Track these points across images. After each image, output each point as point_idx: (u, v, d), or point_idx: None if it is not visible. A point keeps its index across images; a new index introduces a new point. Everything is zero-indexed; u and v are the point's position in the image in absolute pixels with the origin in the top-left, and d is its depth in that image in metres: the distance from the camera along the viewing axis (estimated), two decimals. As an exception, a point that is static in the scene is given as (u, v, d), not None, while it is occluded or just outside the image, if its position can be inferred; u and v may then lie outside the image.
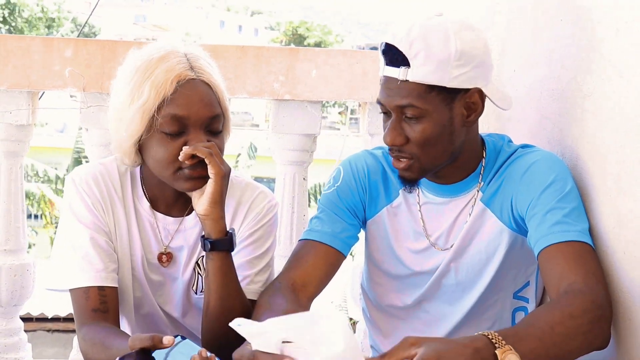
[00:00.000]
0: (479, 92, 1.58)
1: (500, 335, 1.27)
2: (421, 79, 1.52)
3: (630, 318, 1.45)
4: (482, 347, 1.25)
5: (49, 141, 19.64)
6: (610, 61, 1.52)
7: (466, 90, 1.56)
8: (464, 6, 2.38)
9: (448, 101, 1.55)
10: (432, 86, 1.53)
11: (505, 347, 1.25)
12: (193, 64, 1.57)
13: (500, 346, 1.25)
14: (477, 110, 1.59)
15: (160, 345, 1.29)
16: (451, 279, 1.70)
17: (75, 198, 1.64)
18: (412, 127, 1.56)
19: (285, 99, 2.42)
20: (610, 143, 1.51)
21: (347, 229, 1.71)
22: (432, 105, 1.54)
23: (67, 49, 2.32)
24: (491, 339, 1.26)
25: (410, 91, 1.53)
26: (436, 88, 1.53)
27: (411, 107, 1.54)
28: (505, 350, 1.25)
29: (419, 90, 1.53)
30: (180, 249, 1.70)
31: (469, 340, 1.26)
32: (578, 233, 1.49)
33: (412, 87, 1.53)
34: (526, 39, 1.95)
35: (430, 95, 1.53)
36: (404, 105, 1.55)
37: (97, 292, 1.60)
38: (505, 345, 1.26)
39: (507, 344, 1.26)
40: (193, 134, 1.54)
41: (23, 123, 2.31)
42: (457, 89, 1.55)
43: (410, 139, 1.57)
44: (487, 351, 1.24)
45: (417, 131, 1.56)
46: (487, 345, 1.25)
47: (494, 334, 1.27)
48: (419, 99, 1.53)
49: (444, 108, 1.55)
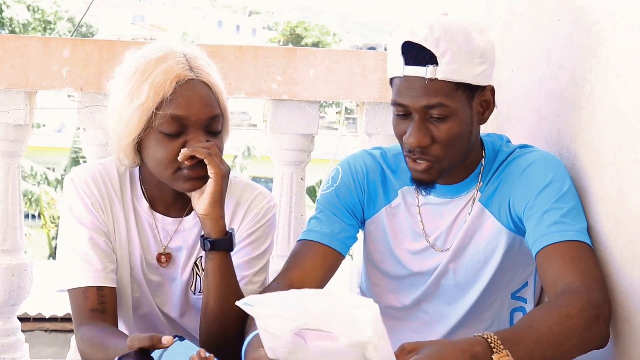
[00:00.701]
0: (491, 89, 1.59)
1: (498, 337, 1.27)
2: (450, 76, 1.50)
3: (628, 317, 1.45)
4: (480, 352, 1.24)
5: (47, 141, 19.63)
6: (608, 61, 1.52)
7: (482, 88, 1.56)
8: (463, 6, 2.38)
9: (470, 99, 1.55)
10: (458, 84, 1.52)
11: (502, 353, 1.25)
12: (192, 64, 1.56)
13: (497, 351, 1.25)
14: (490, 108, 1.60)
15: (159, 345, 1.29)
16: (450, 279, 1.70)
17: (75, 198, 1.64)
18: (438, 127, 1.54)
19: (283, 99, 2.42)
20: (609, 143, 1.51)
21: (345, 229, 1.71)
22: (459, 104, 1.53)
23: (64, 49, 2.31)
24: (490, 342, 1.26)
25: (438, 90, 1.51)
26: (462, 86, 1.52)
27: (440, 107, 1.52)
28: (502, 356, 1.25)
29: (447, 89, 1.51)
30: (179, 249, 1.70)
31: (467, 344, 1.25)
32: (576, 233, 1.49)
33: (440, 85, 1.51)
34: (524, 39, 1.95)
35: (457, 92, 1.52)
36: (433, 105, 1.52)
37: (95, 292, 1.60)
38: (502, 350, 1.25)
39: (505, 349, 1.25)
40: (192, 134, 1.54)
41: (20, 123, 2.31)
42: (477, 87, 1.55)
43: (436, 139, 1.54)
44: (484, 356, 1.24)
45: (444, 131, 1.53)
46: (485, 350, 1.25)
47: (492, 337, 1.26)
48: (448, 97, 1.51)
49: (467, 106, 1.55)
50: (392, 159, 1.74)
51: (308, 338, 1.13)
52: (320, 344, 1.12)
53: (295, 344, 1.14)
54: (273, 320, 1.13)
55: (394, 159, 1.74)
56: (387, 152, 1.76)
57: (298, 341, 1.13)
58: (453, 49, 1.49)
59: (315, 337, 1.12)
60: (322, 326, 1.11)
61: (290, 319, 1.12)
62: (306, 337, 1.13)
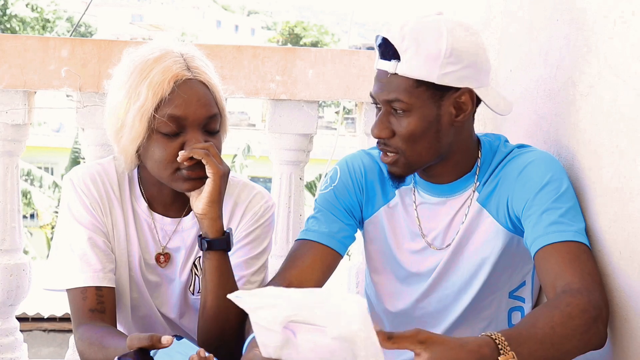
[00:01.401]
0: (469, 92, 1.58)
1: (505, 337, 1.26)
2: (409, 73, 1.53)
3: (626, 318, 1.45)
4: (488, 353, 1.23)
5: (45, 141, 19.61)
6: (606, 61, 1.52)
7: (457, 89, 1.56)
8: (461, 7, 2.38)
9: (436, 98, 1.56)
10: (420, 81, 1.54)
11: (508, 354, 1.24)
12: (190, 63, 1.56)
13: (504, 352, 1.25)
14: (466, 111, 1.59)
15: (159, 345, 1.29)
16: (448, 279, 1.70)
17: (74, 198, 1.64)
18: (399, 121, 1.57)
19: (282, 99, 2.42)
20: (606, 143, 1.51)
21: (344, 229, 1.71)
22: (420, 101, 1.55)
23: (63, 49, 2.31)
24: (497, 343, 1.25)
25: (398, 85, 1.55)
26: (424, 84, 1.54)
27: (398, 101, 1.55)
28: (508, 357, 1.24)
29: (406, 85, 1.54)
30: (178, 249, 1.70)
31: (476, 345, 1.23)
32: (574, 233, 1.49)
33: (400, 81, 1.55)
34: (522, 40, 1.95)
35: (418, 90, 1.54)
36: (392, 99, 1.56)
37: (94, 292, 1.60)
38: (509, 351, 1.25)
39: (511, 350, 1.25)
40: (191, 134, 1.54)
41: (19, 123, 2.31)
42: (447, 87, 1.55)
43: (396, 132, 1.58)
44: (492, 358, 1.23)
45: (403, 125, 1.57)
46: (492, 351, 1.24)
47: (500, 337, 1.25)
48: (406, 93, 1.55)
49: (432, 105, 1.56)
50: (390, 158, 1.75)
51: (297, 332, 1.13)
52: (309, 338, 1.12)
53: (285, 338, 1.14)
54: (264, 312, 1.14)
55: (392, 159, 1.74)
56: (385, 152, 1.76)
57: (288, 335, 1.14)
58: (416, 46, 1.52)
59: (304, 331, 1.13)
60: (310, 319, 1.11)
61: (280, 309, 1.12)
62: (295, 330, 1.13)
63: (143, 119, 1.53)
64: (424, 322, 1.74)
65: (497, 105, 1.61)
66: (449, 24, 1.54)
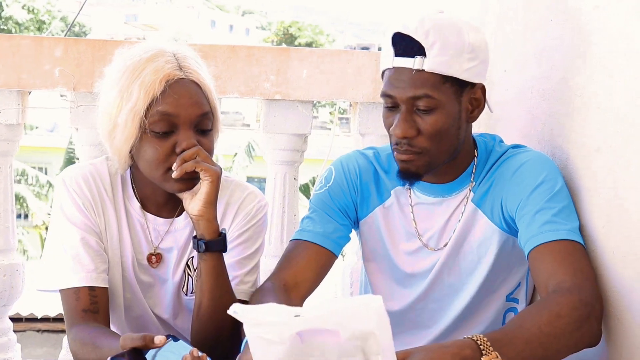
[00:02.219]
0: (482, 88, 1.59)
1: (488, 339, 1.27)
2: (437, 68, 1.51)
3: (619, 317, 1.45)
4: (470, 355, 1.24)
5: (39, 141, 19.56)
6: (600, 61, 1.52)
7: (472, 85, 1.57)
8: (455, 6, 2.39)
9: (458, 94, 1.55)
10: (446, 77, 1.52)
11: (491, 355, 1.25)
12: (181, 63, 1.56)
13: (486, 353, 1.25)
14: (479, 107, 1.60)
15: (152, 345, 1.29)
16: (443, 280, 1.70)
17: (66, 198, 1.64)
18: (424, 119, 1.55)
19: (276, 99, 2.42)
20: (600, 143, 1.51)
21: (338, 229, 1.71)
22: (446, 97, 1.54)
23: (57, 49, 2.31)
24: (479, 344, 1.26)
25: (425, 81, 1.52)
26: (450, 79, 1.53)
27: (426, 98, 1.53)
28: (491, 358, 1.25)
29: (434, 81, 1.52)
30: (170, 250, 1.70)
31: (457, 347, 1.25)
32: (567, 232, 1.49)
33: (427, 77, 1.52)
34: (516, 40, 1.95)
35: (445, 86, 1.53)
36: (419, 96, 1.53)
37: (87, 293, 1.59)
38: (492, 352, 1.25)
39: (494, 350, 1.26)
40: (182, 133, 1.54)
41: (13, 122, 2.30)
42: (466, 83, 1.55)
43: (422, 131, 1.55)
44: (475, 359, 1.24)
45: (429, 123, 1.54)
46: (474, 353, 1.25)
47: (482, 339, 1.27)
48: (434, 89, 1.52)
49: (455, 101, 1.55)
50: (385, 159, 1.75)
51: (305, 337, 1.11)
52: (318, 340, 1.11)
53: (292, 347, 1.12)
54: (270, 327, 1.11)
55: (387, 159, 1.74)
56: (380, 152, 1.76)
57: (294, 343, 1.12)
58: (442, 41, 1.50)
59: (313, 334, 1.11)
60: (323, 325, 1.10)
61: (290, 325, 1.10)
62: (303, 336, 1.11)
63: (135, 118, 1.53)
64: (420, 324, 1.74)
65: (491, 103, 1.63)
66: (462, 22, 1.55)
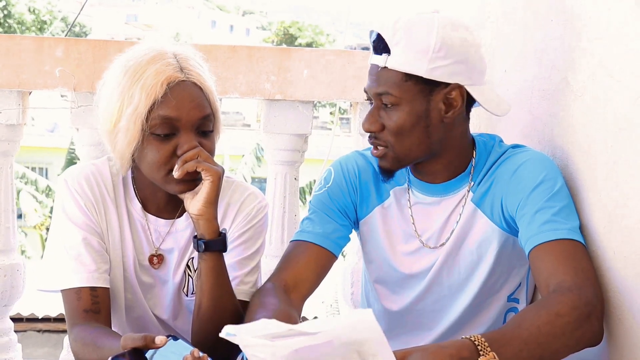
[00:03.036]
0: (459, 88, 1.57)
1: (487, 339, 1.27)
2: (398, 66, 1.55)
3: (620, 317, 1.45)
4: (468, 356, 1.25)
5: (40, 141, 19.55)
6: (600, 62, 1.52)
7: (447, 84, 1.56)
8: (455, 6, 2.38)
9: (426, 93, 1.56)
10: (409, 75, 1.55)
11: (489, 355, 1.25)
12: (183, 65, 1.56)
13: (484, 353, 1.25)
14: (456, 107, 1.59)
15: (153, 345, 1.29)
16: (442, 281, 1.70)
17: (68, 199, 1.64)
18: (388, 115, 1.59)
19: (277, 99, 2.42)
20: (601, 143, 1.51)
21: (338, 230, 1.71)
22: (408, 94, 1.56)
23: (57, 49, 2.31)
24: (477, 345, 1.26)
25: (387, 79, 1.57)
26: (413, 77, 1.55)
27: (387, 94, 1.57)
28: (488, 358, 1.25)
29: (395, 78, 1.56)
30: (171, 251, 1.70)
31: (455, 349, 1.25)
32: (568, 231, 1.49)
33: (390, 74, 1.56)
34: (517, 40, 1.95)
35: (407, 84, 1.55)
36: (381, 93, 1.58)
37: (89, 293, 1.59)
38: (489, 352, 1.26)
39: (492, 351, 1.26)
40: (184, 136, 1.54)
41: (13, 123, 2.30)
42: (436, 82, 1.55)
43: (386, 126, 1.59)
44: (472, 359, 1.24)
45: (392, 119, 1.58)
46: (472, 354, 1.25)
47: (480, 339, 1.27)
48: (395, 86, 1.56)
49: (421, 99, 1.57)
50: (384, 159, 1.75)
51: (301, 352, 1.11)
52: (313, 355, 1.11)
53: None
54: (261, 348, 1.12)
55: (386, 159, 1.74)
56: (380, 152, 1.76)
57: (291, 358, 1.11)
58: (407, 40, 1.54)
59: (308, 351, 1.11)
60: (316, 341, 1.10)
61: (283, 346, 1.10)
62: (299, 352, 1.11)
63: (137, 121, 1.53)
64: (421, 325, 1.74)
65: (492, 105, 1.61)
66: (442, 20, 1.55)
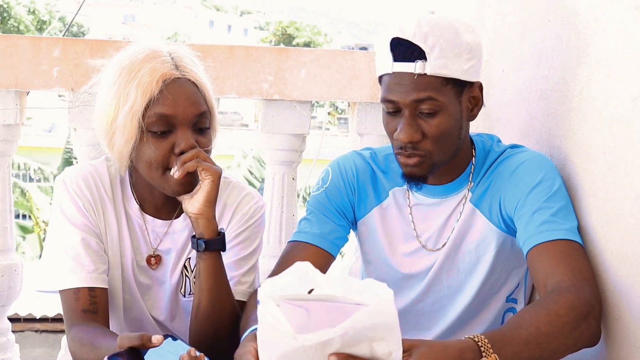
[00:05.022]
0: (479, 86, 1.60)
1: (488, 339, 1.27)
2: (439, 71, 1.52)
3: (618, 317, 1.45)
4: (471, 357, 1.24)
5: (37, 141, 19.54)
6: (598, 62, 1.52)
7: (471, 84, 1.57)
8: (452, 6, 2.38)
9: (458, 94, 1.56)
10: (447, 79, 1.53)
11: (491, 357, 1.25)
12: (178, 62, 1.56)
13: (486, 355, 1.25)
14: (478, 104, 1.61)
15: (149, 345, 1.29)
16: (442, 281, 1.70)
17: (66, 199, 1.64)
18: (428, 122, 1.55)
19: (275, 99, 2.42)
20: (598, 143, 1.52)
21: (336, 230, 1.71)
22: (448, 98, 1.54)
23: (55, 49, 2.31)
24: (480, 346, 1.26)
25: (428, 84, 1.52)
26: (451, 81, 1.53)
27: (429, 101, 1.53)
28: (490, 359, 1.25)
29: (436, 83, 1.52)
30: (169, 251, 1.70)
31: (458, 350, 1.25)
32: (566, 231, 1.49)
33: (429, 80, 1.52)
34: (515, 40, 1.95)
35: (446, 88, 1.54)
36: (422, 99, 1.53)
37: (87, 293, 1.59)
38: (492, 354, 1.26)
39: (494, 352, 1.26)
40: (180, 133, 1.54)
41: (11, 123, 2.30)
42: (465, 82, 1.56)
43: (427, 134, 1.55)
44: None
45: (434, 125, 1.55)
46: (475, 355, 1.25)
47: (483, 340, 1.27)
48: (437, 92, 1.53)
49: (456, 101, 1.56)
50: (383, 159, 1.75)
51: (313, 312, 1.11)
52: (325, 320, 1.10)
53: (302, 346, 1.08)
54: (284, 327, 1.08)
55: (384, 160, 1.74)
56: (378, 152, 1.76)
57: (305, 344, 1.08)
58: (441, 44, 1.51)
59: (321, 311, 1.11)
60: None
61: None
62: (310, 309, 1.11)
63: (134, 119, 1.53)
64: (420, 325, 1.74)
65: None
66: (456, 21, 1.55)
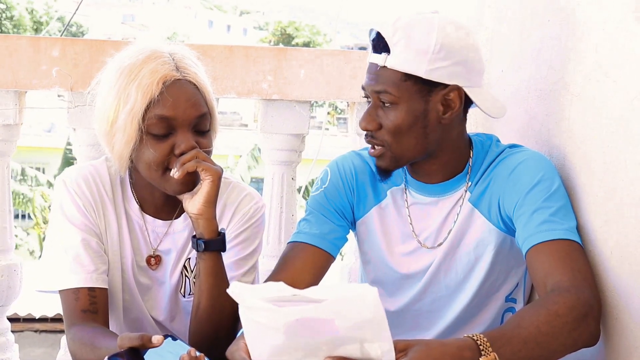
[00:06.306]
0: (458, 90, 1.58)
1: (487, 338, 1.28)
2: (397, 66, 1.55)
3: (617, 317, 1.46)
4: (470, 356, 1.25)
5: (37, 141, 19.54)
6: (597, 62, 1.52)
7: (445, 86, 1.57)
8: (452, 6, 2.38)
9: (424, 93, 1.56)
10: (408, 75, 1.55)
11: (490, 356, 1.26)
12: (178, 64, 1.56)
13: (485, 354, 1.26)
14: (454, 109, 1.59)
15: (149, 345, 1.29)
16: (440, 281, 1.70)
17: (67, 199, 1.64)
18: (386, 114, 1.58)
19: (274, 99, 2.42)
20: (597, 143, 1.52)
21: (335, 230, 1.71)
22: (407, 94, 1.56)
23: (54, 49, 2.31)
24: (479, 344, 1.27)
25: (386, 78, 1.56)
26: (412, 77, 1.55)
27: (385, 94, 1.57)
28: (489, 359, 1.25)
29: (394, 78, 1.56)
30: (169, 252, 1.70)
31: (457, 348, 1.25)
32: (565, 231, 1.49)
33: (389, 73, 1.56)
34: (514, 40, 1.95)
35: (405, 83, 1.55)
36: (379, 91, 1.57)
37: (87, 293, 1.59)
38: (490, 352, 1.26)
39: (493, 351, 1.26)
40: (181, 135, 1.54)
41: (10, 123, 2.30)
42: (435, 83, 1.56)
43: (383, 125, 1.59)
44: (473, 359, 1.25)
45: (389, 118, 1.58)
46: (474, 354, 1.25)
47: (482, 339, 1.27)
48: (393, 86, 1.56)
49: (419, 99, 1.57)
50: (382, 159, 1.75)
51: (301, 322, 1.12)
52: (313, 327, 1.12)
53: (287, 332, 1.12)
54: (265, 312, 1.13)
55: (383, 160, 1.74)
56: (377, 152, 1.76)
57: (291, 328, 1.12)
58: (407, 40, 1.54)
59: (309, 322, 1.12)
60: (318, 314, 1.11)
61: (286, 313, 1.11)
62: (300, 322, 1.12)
63: (134, 121, 1.53)
64: (418, 325, 1.73)
65: (489, 107, 1.61)
66: (442, 21, 1.55)
